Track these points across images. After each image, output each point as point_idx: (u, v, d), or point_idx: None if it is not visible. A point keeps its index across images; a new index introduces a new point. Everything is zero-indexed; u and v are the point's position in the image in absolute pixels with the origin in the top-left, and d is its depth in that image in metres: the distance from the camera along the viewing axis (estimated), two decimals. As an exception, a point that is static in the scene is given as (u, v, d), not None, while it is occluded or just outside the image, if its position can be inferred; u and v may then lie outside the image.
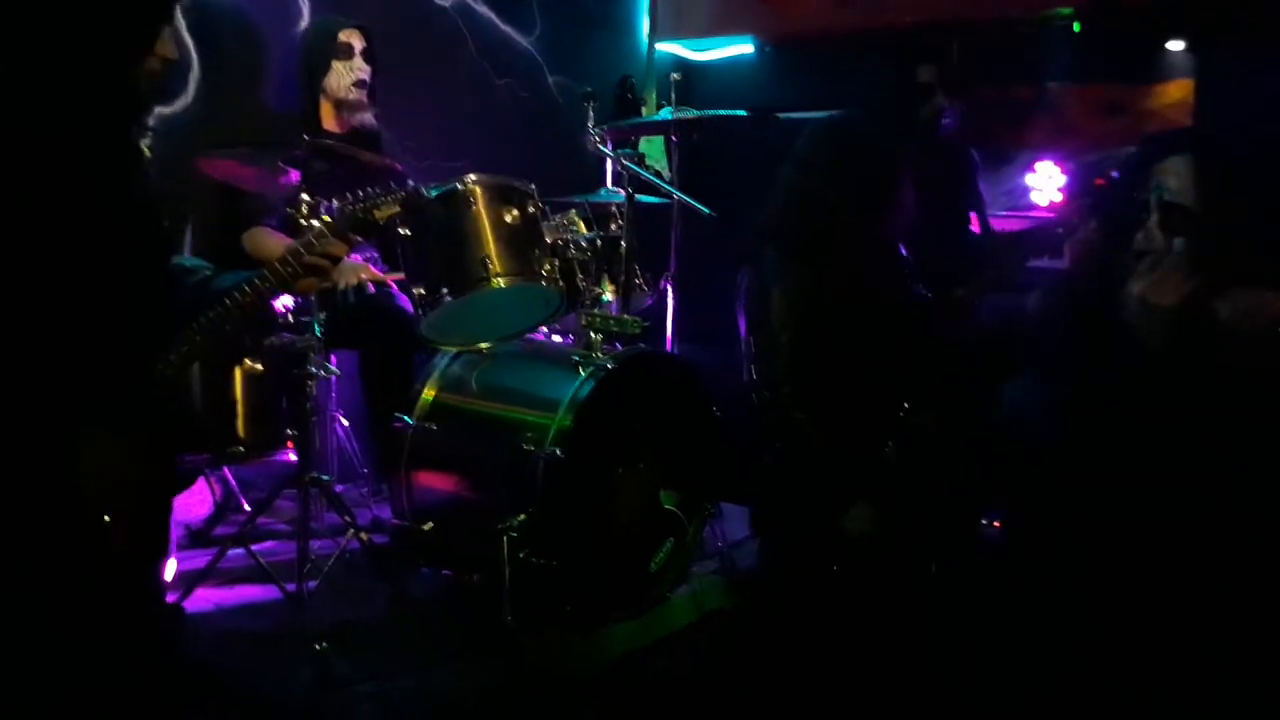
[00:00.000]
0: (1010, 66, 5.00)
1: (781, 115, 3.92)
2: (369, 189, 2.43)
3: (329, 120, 3.81)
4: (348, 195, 2.42)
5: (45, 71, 1.96)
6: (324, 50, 3.77)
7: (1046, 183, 4.88)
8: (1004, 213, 4.84)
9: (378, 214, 2.41)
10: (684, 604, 3.12)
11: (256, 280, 2.22)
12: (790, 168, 3.17)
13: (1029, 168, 4.93)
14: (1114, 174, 3.01)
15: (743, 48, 5.71)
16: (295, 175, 3.03)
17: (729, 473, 3.33)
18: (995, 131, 5.01)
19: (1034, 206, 4.89)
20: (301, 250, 2.28)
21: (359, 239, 2.43)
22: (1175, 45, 4.82)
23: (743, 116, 3.95)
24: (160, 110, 3.69)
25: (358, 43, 3.78)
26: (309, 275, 2.30)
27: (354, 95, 3.77)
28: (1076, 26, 4.83)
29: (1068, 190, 4.74)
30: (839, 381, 3.06)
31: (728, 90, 5.26)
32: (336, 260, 2.36)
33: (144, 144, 2.36)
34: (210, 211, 3.68)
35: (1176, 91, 4.83)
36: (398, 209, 2.47)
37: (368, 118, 3.81)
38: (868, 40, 5.11)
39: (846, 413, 3.04)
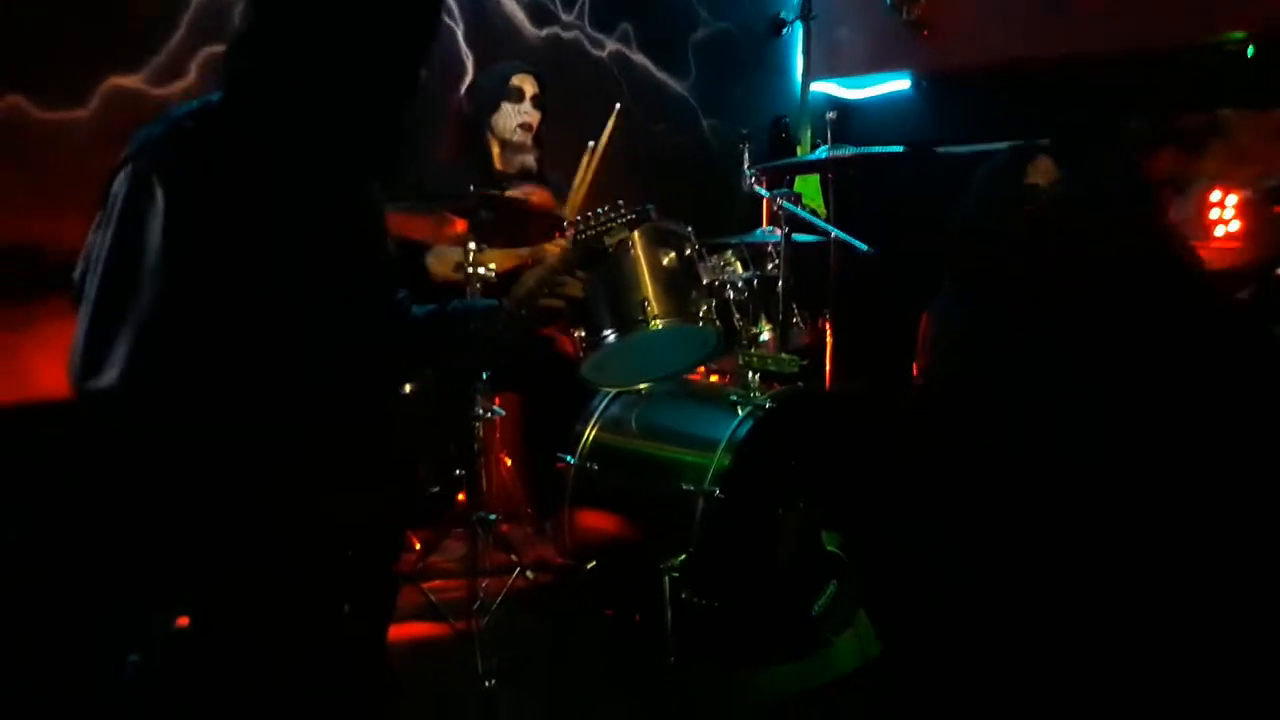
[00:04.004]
0: (1181, 93, 4.82)
1: (940, 149, 3.87)
2: (595, 211, 2.31)
3: (498, 160, 3.90)
4: (578, 220, 2.31)
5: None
6: (495, 91, 3.87)
7: (1224, 213, 4.68)
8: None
9: (609, 239, 2.30)
10: (848, 648, 3.06)
11: (498, 327, 2.11)
12: (967, 199, 3.13)
13: (1203, 198, 4.74)
14: None
15: (899, 84, 5.68)
16: (462, 224, 3.11)
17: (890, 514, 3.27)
18: (1167, 161, 4.83)
19: (1211, 238, 4.69)
20: (535, 292, 2.16)
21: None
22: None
23: (900, 152, 3.92)
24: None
25: (529, 88, 3.87)
26: (543, 318, 2.20)
27: (518, 137, 3.85)
28: (1250, 51, 4.64)
29: (1245, 219, 4.54)
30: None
31: (884, 126, 5.24)
32: (573, 301, 2.23)
33: None
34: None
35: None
36: (628, 232, 2.36)
37: (529, 160, 3.87)
38: (1030, 73, 5.01)
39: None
